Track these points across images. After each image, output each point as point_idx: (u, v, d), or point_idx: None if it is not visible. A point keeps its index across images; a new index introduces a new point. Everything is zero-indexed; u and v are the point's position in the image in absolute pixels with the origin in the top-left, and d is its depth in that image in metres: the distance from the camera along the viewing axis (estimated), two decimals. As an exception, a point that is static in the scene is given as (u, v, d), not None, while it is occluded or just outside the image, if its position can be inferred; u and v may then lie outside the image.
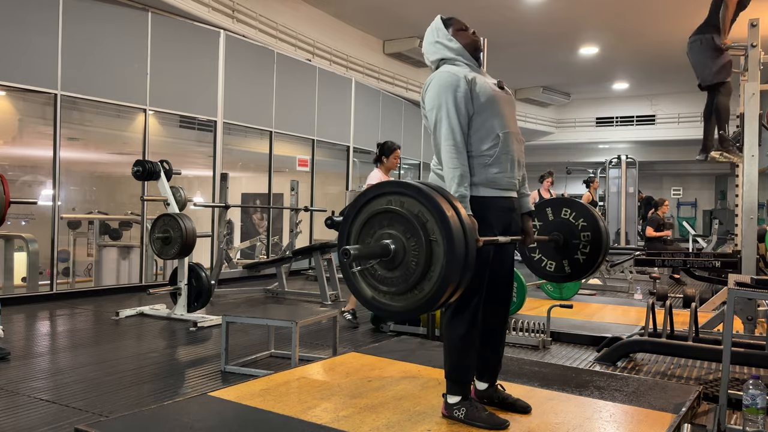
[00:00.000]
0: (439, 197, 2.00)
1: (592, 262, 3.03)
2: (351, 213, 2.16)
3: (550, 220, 3.11)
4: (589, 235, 3.01)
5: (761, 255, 4.75)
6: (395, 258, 2.02)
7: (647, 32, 11.45)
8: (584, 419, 2.59)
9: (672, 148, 17.71)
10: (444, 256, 1.94)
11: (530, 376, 3.20)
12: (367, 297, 2.10)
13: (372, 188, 2.14)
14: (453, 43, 2.58)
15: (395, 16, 10.82)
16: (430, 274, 1.97)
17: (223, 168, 8.49)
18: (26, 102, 7.26)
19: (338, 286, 7.03)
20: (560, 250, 3.09)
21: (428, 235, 1.97)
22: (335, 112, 10.98)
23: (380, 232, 2.06)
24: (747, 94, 4.27)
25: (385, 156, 5.19)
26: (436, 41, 2.62)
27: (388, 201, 2.06)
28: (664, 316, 3.92)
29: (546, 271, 3.15)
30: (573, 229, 3.05)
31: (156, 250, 5.68)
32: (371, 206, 2.10)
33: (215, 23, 8.40)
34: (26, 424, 2.87)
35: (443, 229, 1.94)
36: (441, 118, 2.42)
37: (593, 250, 3.02)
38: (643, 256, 5.85)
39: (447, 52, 2.59)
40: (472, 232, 2.03)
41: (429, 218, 1.97)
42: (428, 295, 1.98)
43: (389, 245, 2.02)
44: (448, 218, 1.94)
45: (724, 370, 2.80)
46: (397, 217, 2.03)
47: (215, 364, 4.03)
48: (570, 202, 3.12)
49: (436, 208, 1.96)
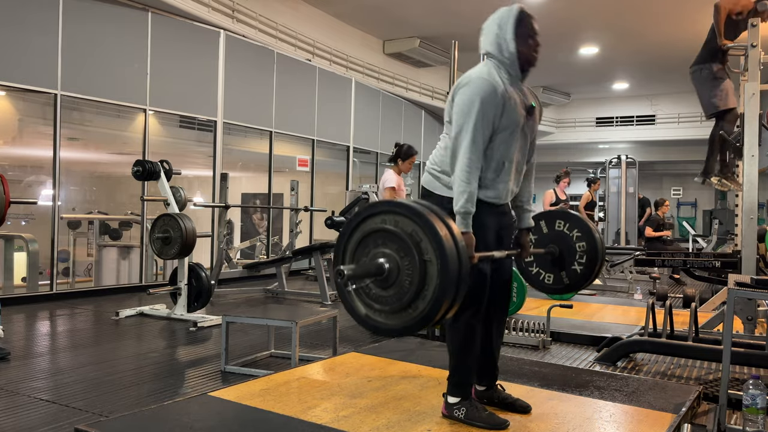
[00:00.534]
0: (433, 216, 2.00)
1: (589, 271, 3.03)
2: (346, 231, 2.16)
3: (544, 233, 3.10)
4: (585, 245, 3.01)
5: (761, 255, 4.75)
6: (389, 277, 2.03)
7: (647, 32, 11.44)
8: (584, 419, 2.59)
9: (672, 148, 17.70)
10: (438, 276, 1.94)
11: (530, 376, 3.21)
12: (361, 315, 2.11)
13: (367, 207, 2.14)
14: (510, 47, 2.44)
15: (395, 16, 10.82)
16: (424, 293, 1.97)
17: (223, 168, 8.49)
18: (26, 102, 7.26)
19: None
20: (557, 262, 3.09)
21: (422, 255, 1.97)
22: (335, 112, 10.98)
23: (375, 251, 2.06)
24: (747, 94, 4.27)
25: (401, 158, 5.24)
26: (497, 33, 2.46)
27: (383, 220, 2.06)
28: (664, 316, 3.92)
29: (544, 283, 3.15)
30: (568, 240, 3.05)
31: (156, 250, 5.68)
32: (366, 225, 2.10)
33: (215, 23, 8.39)
34: (26, 424, 2.87)
35: (437, 249, 1.94)
36: (467, 129, 2.35)
37: (590, 260, 3.02)
38: (643, 257, 5.85)
39: (498, 52, 2.46)
40: (466, 250, 2.02)
41: (423, 237, 1.97)
42: (422, 314, 1.98)
43: (383, 264, 2.03)
44: (442, 238, 1.94)
45: (724, 370, 2.80)
46: (391, 236, 2.03)
47: (215, 364, 4.03)
48: (563, 214, 3.12)
49: (430, 228, 1.96)
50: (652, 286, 7.78)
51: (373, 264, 2.04)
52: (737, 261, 4.54)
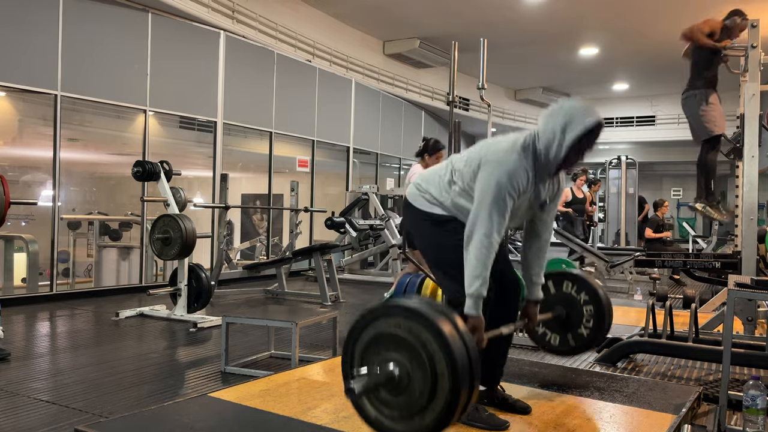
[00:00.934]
0: (448, 325, 1.93)
1: (595, 335, 3.02)
2: (357, 328, 2.10)
3: (552, 293, 3.07)
4: (592, 309, 2.99)
5: (761, 256, 4.76)
6: (400, 384, 1.98)
7: (647, 32, 11.44)
8: (584, 420, 2.58)
9: (672, 148, 17.69)
10: (449, 392, 1.89)
11: (530, 377, 3.20)
12: (371, 417, 2.07)
13: (380, 307, 2.07)
14: (560, 153, 2.27)
15: (395, 17, 10.81)
16: (433, 405, 1.93)
17: (223, 169, 8.49)
18: (26, 102, 7.26)
19: (338, 287, 7.03)
20: (564, 324, 3.07)
21: (434, 368, 1.91)
22: (335, 113, 10.98)
23: (386, 354, 2.01)
24: (747, 95, 4.27)
25: (427, 153, 5.21)
26: (554, 133, 2.26)
27: (397, 324, 1.99)
28: (664, 316, 3.92)
29: (551, 344, 3.13)
30: (575, 303, 3.02)
31: (156, 251, 5.68)
32: (378, 325, 2.04)
33: (215, 24, 8.40)
34: (26, 425, 2.87)
35: (450, 365, 1.89)
36: (489, 204, 2.29)
37: (597, 324, 3.00)
38: (643, 257, 5.86)
39: (545, 149, 2.30)
40: (479, 363, 1.96)
41: (436, 350, 1.91)
42: (431, 425, 1.95)
43: (393, 371, 1.98)
44: (456, 356, 1.88)
45: (724, 371, 2.80)
46: (404, 344, 1.97)
47: (215, 364, 4.02)
48: (571, 276, 3.08)
49: (444, 343, 1.90)
50: (652, 286, 7.78)
51: (383, 373, 1.98)
52: (737, 262, 4.54)
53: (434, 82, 13.68)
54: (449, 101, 4.95)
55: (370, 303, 2.56)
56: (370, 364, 2.02)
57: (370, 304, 2.12)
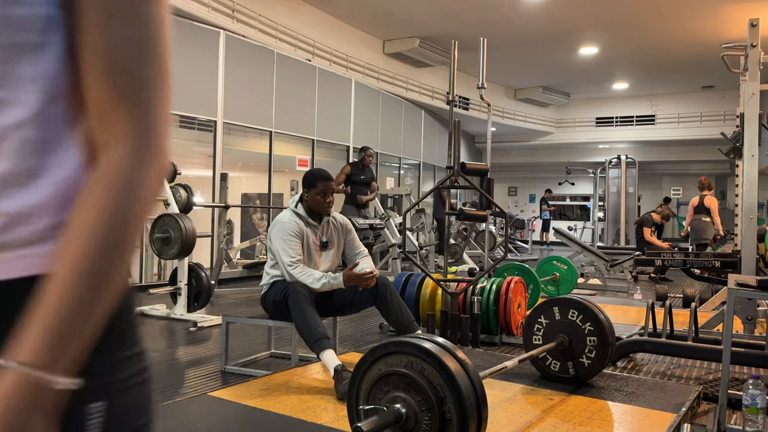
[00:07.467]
0: (460, 372, 1.90)
1: (596, 366, 3.02)
2: (366, 362, 2.04)
3: (556, 319, 3.07)
4: (596, 340, 2.99)
5: (761, 255, 4.75)
6: (406, 424, 1.93)
7: (647, 32, 11.44)
8: (584, 419, 2.59)
9: (672, 148, 17.70)
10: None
11: (530, 376, 3.21)
12: None
13: (392, 343, 2.02)
14: None
15: (395, 16, 10.82)
16: None
17: (223, 168, 8.49)
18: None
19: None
20: (566, 352, 3.06)
21: (443, 413, 1.88)
22: (335, 112, 10.98)
23: (394, 393, 1.96)
24: (747, 94, 4.27)
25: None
26: None
27: (409, 362, 1.94)
28: (663, 316, 3.92)
29: (550, 370, 3.12)
30: (579, 332, 3.01)
31: (156, 250, 5.67)
32: (389, 360, 1.99)
33: (215, 23, 8.39)
34: (26, 424, 2.86)
35: (460, 412, 1.86)
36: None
37: (598, 355, 2.99)
38: (643, 257, 5.86)
39: None
40: (487, 407, 1.94)
41: (447, 395, 1.88)
42: None
43: (401, 410, 1.93)
44: (466, 403, 1.85)
45: (723, 370, 2.80)
46: (414, 384, 1.92)
47: (215, 364, 4.02)
48: (578, 304, 3.06)
49: (456, 389, 1.87)
50: (652, 286, 7.78)
51: (391, 413, 1.93)
52: (737, 261, 4.54)
53: (434, 81, 13.69)
54: (449, 100, 4.94)
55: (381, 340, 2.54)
56: (377, 401, 1.99)
57: (383, 341, 2.07)
